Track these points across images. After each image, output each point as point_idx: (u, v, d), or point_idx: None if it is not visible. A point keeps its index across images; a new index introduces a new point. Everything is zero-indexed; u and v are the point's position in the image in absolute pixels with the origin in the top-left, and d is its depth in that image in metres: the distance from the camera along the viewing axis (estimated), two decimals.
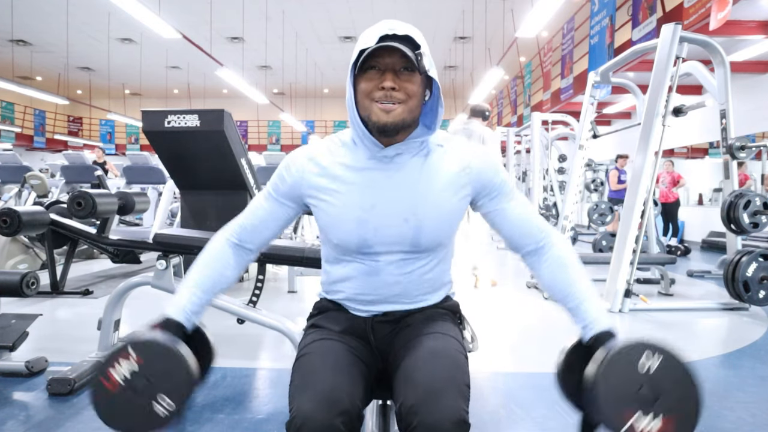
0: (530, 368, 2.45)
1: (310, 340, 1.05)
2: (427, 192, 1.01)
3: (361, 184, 1.01)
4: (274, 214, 1.07)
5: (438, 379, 0.92)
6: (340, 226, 1.02)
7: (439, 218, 1.02)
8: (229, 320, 2.49)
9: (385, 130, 0.97)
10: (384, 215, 1.00)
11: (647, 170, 3.74)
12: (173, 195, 5.48)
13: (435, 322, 1.08)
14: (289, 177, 1.05)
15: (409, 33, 0.96)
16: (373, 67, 0.96)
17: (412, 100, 0.97)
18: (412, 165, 1.01)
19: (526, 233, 1.07)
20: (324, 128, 19.72)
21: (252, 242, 1.09)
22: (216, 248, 1.08)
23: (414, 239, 1.01)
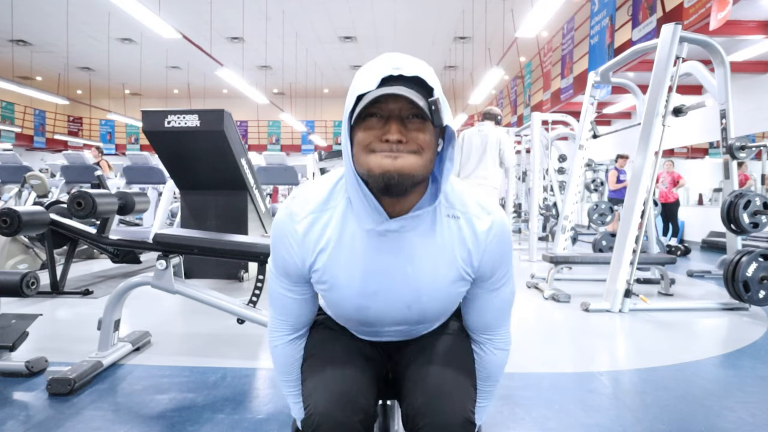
0: (530, 368, 2.45)
1: (319, 337, 1.05)
2: (433, 278, 0.90)
3: (360, 267, 0.89)
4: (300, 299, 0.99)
5: (446, 380, 0.92)
6: (340, 310, 0.99)
7: (443, 303, 0.95)
8: (229, 320, 2.49)
9: (390, 186, 0.78)
10: (386, 301, 0.92)
11: (647, 170, 3.74)
12: (173, 195, 5.48)
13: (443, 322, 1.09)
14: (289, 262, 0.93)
15: (419, 73, 0.78)
16: (374, 114, 0.79)
17: (425, 152, 0.80)
18: (418, 242, 0.88)
19: (483, 325, 1.02)
20: (324, 128, 19.72)
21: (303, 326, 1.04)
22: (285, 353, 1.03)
23: (417, 321, 0.98)
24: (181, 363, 2.42)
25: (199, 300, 2.33)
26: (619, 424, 1.86)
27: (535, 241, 6.31)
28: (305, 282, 0.96)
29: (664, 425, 1.85)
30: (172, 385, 2.16)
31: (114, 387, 2.13)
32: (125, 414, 1.88)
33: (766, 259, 3.50)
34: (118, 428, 1.76)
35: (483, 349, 1.03)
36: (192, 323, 3.15)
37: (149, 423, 1.81)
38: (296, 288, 0.97)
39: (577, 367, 2.55)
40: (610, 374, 2.41)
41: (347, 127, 0.81)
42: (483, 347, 1.03)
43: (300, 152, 18.86)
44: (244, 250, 2.31)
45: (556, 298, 3.91)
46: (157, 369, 2.34)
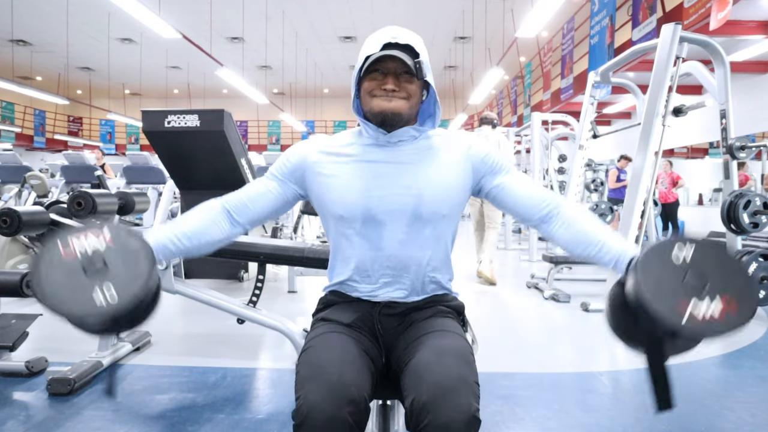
0: (530, 368, 2.45)
1: (317, 332, 1.06)
2: (428, 168, 1.08)
3: (365, 161, 1.08)
4: (271, 192, 1.12)
5: (450, 376, 0.92)
6: (346, 197, 1.07)
7: (439, 188, 1.07)
8: (229, 320, 2.49)
9: (385, 118, 1.05)
10: (387, 185, 1.06)
11: (647, 170, 3.74)
12: (173, 195, 5.47)
13: (440, 320, 1.09)
14: (294, 158, 1.12)
15: (410, 42, 1.05)
16: (377, 70, 1.05)
17: (411, 98, 1.07)
18: (413, 149, 1.10)
19: (532, 203, 1.10)
20: (324, 128, 19.71)
21: (244, 216, 1.11)
22: (209, 206, 1.11)
23: (416, 207, 1.06)
24: (181, 363, 2.42)
25: (199, 300, 2.33)
26: (619, 424, 1.86)
27: (535, 241, 6.31)
28: (292, 181, 1.12)
29: (664, 425, 1.85)
30: (172, 385, 2.16)
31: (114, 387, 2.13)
32: (125, 414, 1.88)
33: (766, 259, 3.50)
34: (118, 428, 1.76)
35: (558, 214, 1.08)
36: (192, 323, 3.15)
37: (149, 423, 1.81)
38: (277, 178, 1.12)
39: (577, 367, 2.55)
40: (610, 374, 2.41)
41: (356, 79, 1.08)
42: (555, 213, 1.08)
43: None
44: (244, 250, 2.31)
45: (556, 298, 3.91)
46: (157, 369, 2.34)
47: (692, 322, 0.78)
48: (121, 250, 0.86)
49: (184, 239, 1.03)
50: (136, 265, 0.85)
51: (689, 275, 0.81)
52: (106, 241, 0.85)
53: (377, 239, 1.07)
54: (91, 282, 0.82)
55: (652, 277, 0.82)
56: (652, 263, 0.83)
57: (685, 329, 0.78)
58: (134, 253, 0.86)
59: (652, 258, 0.84)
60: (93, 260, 0.83)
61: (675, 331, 0.80)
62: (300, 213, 5.10)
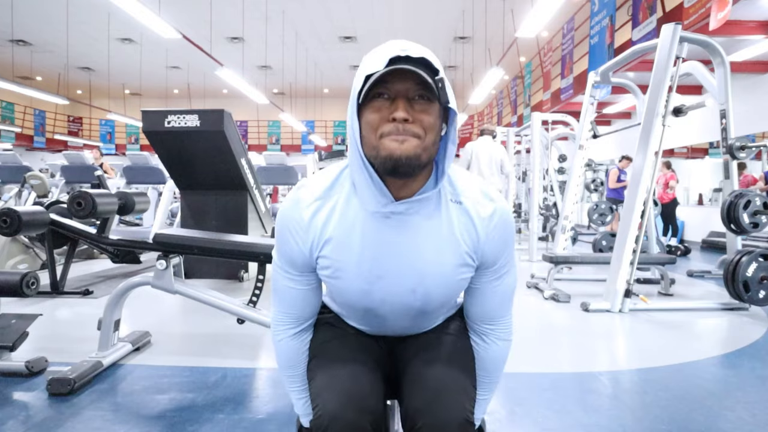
0: (530, 368, 2.45)
1: (324, 338, 1.04)
2: (437, 261, 0.90)
3: (365, 251, 0.89)
4: (306, 289, 0.99)
5: (444, 380, 0.92)
6: (345, 296, 0.97)
7: (447, 288, 0.94)
8: (229, 320, 2.49)
9: (397, 167, 0.80)
10: (390, 286, 0.92)
11: (647, 170, 3.74)
12: (173, 195, 5.48)
13: (444, 321, 1.09)
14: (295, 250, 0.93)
15: (425, 56, 0.80)
16: (382, 94, 0.81)
17: (429, 134, 0.81)
18: (422, 225, 0.89)
19: (486, 314, 1.01)
20: (324, 128, 19.72)
21: (307, 319, 1.03)
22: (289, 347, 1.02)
23: (421, 308, 0.96)
24: (181, 363, 2.42)
25: (199, 300, 2.33)
26: (619, 424, 1.86)
27: (535, 241, 6.31)
28: (310, 271, 0.95)
29: (664, 425, 1.85)
30: (172, 385, 2.16)
31: (114, 387, 2.13)
32: (125, 414, 1.88)
33: (766, 259, 3.50)
34: (118, 428, 1.76)
35: (485, 340, 1.02)
36: (192, 323, 3.15)
37: (149, 423, 1.81)
38: (301, 278, 0.96)
39: (577, 367, 2.55)
40: (610, 374, 2.41)
41: (354, 109, 0.83)
42: (485, 338, 1.02)
43: (300, 152, 18.87)
44: (244, 250, 2.31)
45: (556, 298, 3.91)
46: (157, 369, 2.34)
47: None
48: None
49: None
50: None
51: None
52: None
53: (378, 324, 1.03)
54: None
55: None
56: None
57: None
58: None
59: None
60: None
61: None
62: None
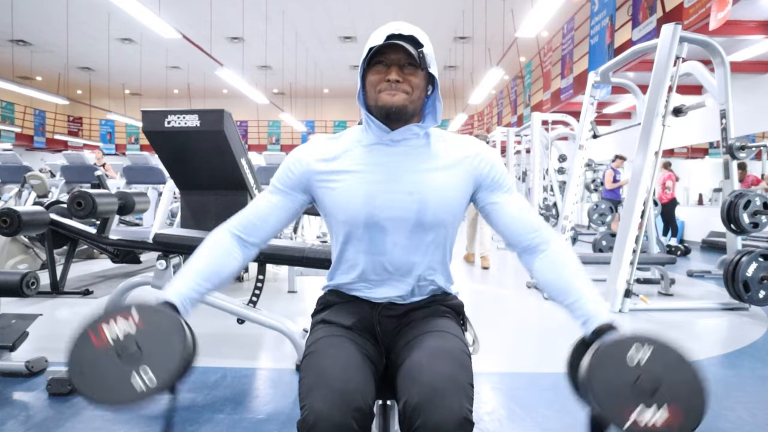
0: (530, 368, 2.45)
1: (318, 336, 1.05)
2: (430, 171, 1.06)
3: (367, 164, 1.07)
4: (280, 206, 1.10)
5: (442, 378, 0.92)
6: (349, 202, 1.05)
7: (441, 195, 1.06)
8: (229, 320, 2.49)
9: (389, 112, 1.04)
10: (390, 190, 1.05)
11: (647, 170, 3.74)
12: (173, 195, 5.47)
13: (438, 320, 1.09)
14: (296, 168, 1.09)
15: (414, 33, 1.04)
16: (381, 62, 1.05)
17: (415, 91, 1.05)
18: (416, 149, 1.08)
19: (522, 230, 1.08)
20: (324, 128, 19.72)
21: (256, 235, 1.08)
22: (218, 238, 1.07)
23: (418, 213, 1.05)
24: None
25: None
26: None
27: None
28: (299, 191, 1.10)
29: None
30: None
31: None
32: (125, 414, 1.88)
33: (766, 259, 3.50)
34: (118, 428, 1.76)
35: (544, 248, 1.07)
36: (192, 323, 3.14)
37: (149, 423, 1.81)
38: (282, 194, 1.10)
39: None
40: None
41: (361, 72, 1.06)
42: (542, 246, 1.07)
43: None
44: None
45: None
46: None
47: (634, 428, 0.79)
48: (152, 330, 0.84)
49: (205, 282, 1.01)
50: (170, 343, 0.84)
51: (641, 379, 0.82)
52: (136, 323, 0.84)
53: (379, 244, 1.07)
54: (127, 368, 0.80)
55: (602, 375, 0.83)
56: (606, 361, 0.84)
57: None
58: (166, 331, 0.85)
59: (607, 356, 0.84)
60: (126, 345, 0.82)
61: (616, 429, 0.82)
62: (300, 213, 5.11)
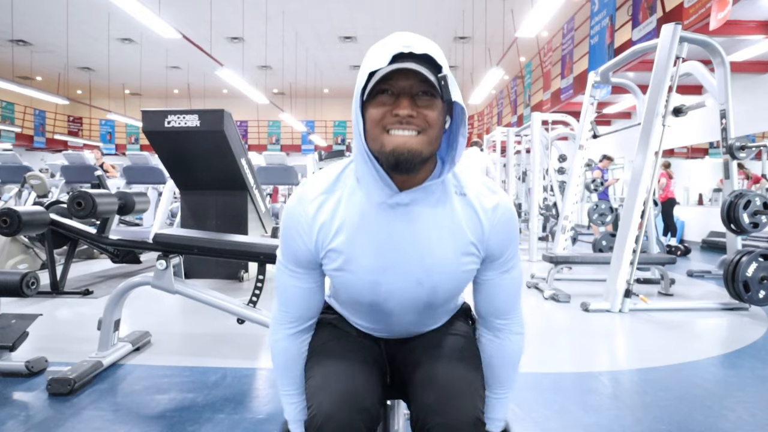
0: (530, 368, 2.45)
1: (324, 338, 1.04)
2: (443, 252, 0.90)
3: (372, 242, 0.89)
4: (308, 288, 0.98)
5: (456, 380, 0.92)
6: (351, 290, 0.96)
7: (453, 279, 0.94)
8: (229, 320, 2.49)
9: (399, 162, 0.81)
10: (397, 278, 0.91)
11: (647, 170, 3.74)
12: (173, 195, 5.47)
13: (449, 321, 1.09)
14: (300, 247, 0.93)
15: (429, 51, 0.81)
16: (386, 91, 0.82)
17: (432, 129, 0.82)
18: (428, 215, 0.89)
19: (496, 311, 1.00)
20: (324, 128, 19.72)
21: (307, 320, 1.02)
22: (285, 347, 1.01)
23: (428, 300, 0.96)
24: (181, 363, 2.42)
25: (199, 300, 2.33)
26: (619, 424, 1.86)
27: (535, 241, 6.31)
28: (314, 268, 0.95)
29: (664, 425, 1.85)
30: (172, 385, 2.16)
31: (114, 387, 2.13)
32: (125, 414, 1.88)
33: (766, 259, 3.50)
34: (118, 428, 1.76)
35: (500, 336, 1.02)
36: (192, 323, 3.15)
37: (149, 423, 1.81)
38: (305, 275, 0.96)
39: (577, 367, 2.55)
40: (610, 374, 2.41)
41: (359, 104, 0.83)
42: (499, 334, 1.02)
43: (300, 152, 18.87)
44: (244, 250, 2.31)
45: (556, 298, 3.91)
46: (157, 369, 2.34)
47: None
48: None
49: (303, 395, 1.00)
50: None
51: None
52: None
53: (385, 320, 1.01)
54: None
55: None
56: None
57: None
58: None
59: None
60: None
61: None
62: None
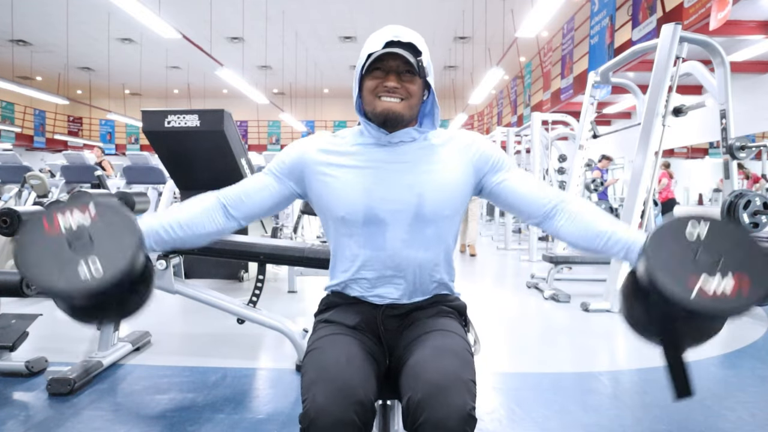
0: (530, 368, 2.45)
1: (321, 334, 1.05)
2: (430, 167, 1.08)
3: (366, 161, 1.08)
4: (268, 188, 1.10)
5: (445, 375, 0.92)
6: (348, 196, 1.06)
7: (441, 188, 1.07)
8: (229, 320, 2.49)
9: (387, 120, 1.05)
10: (389, 185, 1.06)
11: (647, 170, 3.74)
12: (173, 195, 5.48)
13: (441, 319, 1.09)
14: (293, 155, 1.11)
15: (412, 40, 1.05)
16: (378, 68, 1.05)
17: (412, 98, 1.06)
18: (414, 150, 1.09)
19: (535, 200, 1.08)
20: (324, 128, 19.71)
21: (239, 209, 1.09)
22: (204, 199, 1.09)
23: (418, 207, 1.05)
24: (181, 363, 2.42)
25: (199, 300, 2.33)
26: (619, 424, 1.86)
27: (535, 241, 6.31)
28: (291, 179, 1.10)
29: (664, 425, 1.85)
30: (172, 385, 2.16)
31: (114, 387, 2.13)
32: (125, 414, 1.88)
33: None
34: (118, 428, 1.76)
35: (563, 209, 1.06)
36: (192, 323, 3.15)
37: (149, 423, 1.81)
38: (276, 176, 1.11)
39: (577, 367, 2.55)
40: (610, 374, 2.41)
41: (358, 77, 1.07)
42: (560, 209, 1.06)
43: None
44: (244, 250, 2.31)
45: (556, 298, 3.90)
46: (157, 369, 2.34)
47: (702, 297, 0.76)
48: (107, 225, 0.84)
49: (177, 228, 1.02)
50: (122, 240, 0.84)
51: (702, 252, 0.79)
52: (92, 217, 0.84)
53: (379, 239, 1.06)
54: (76, 256, 0.81)
55: (662, 253, 0.80)
56: (663, 239, 0.81)
57: (694, 304, 0.76)
58: (120, 229, 0.85)
59: (663, 234, 0.82)
60: (78, 235, 0.82)
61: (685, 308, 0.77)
62: (300, 213, 5.10)
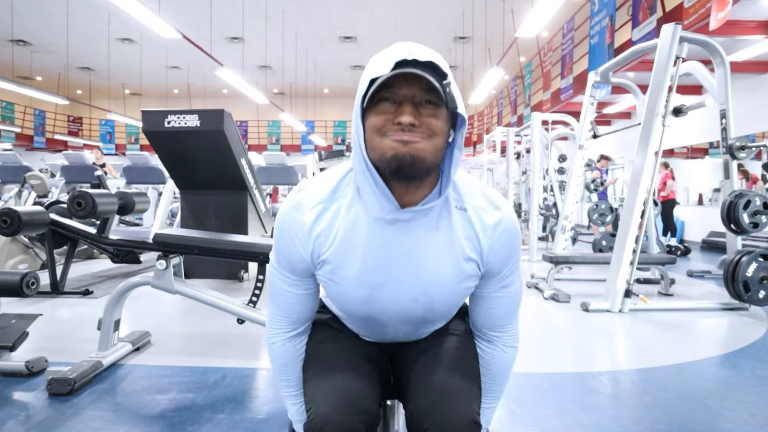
0: (530, 368, 2.45)
1: (320, 338, 1.04)
2: (441, 270, 0.88)
3: (369, 257, 0.87)
4: (304, 294, 0.97)
5: (451, 381, 0.92)
6: (346, 301, 0.94)
7: (450, 297, 0.92)
8: (229, 320, 2.49)
9: (402, 167, 0.77)
10: (392, 294, 0.90)
11: (647, 170, 3.74)
12: (173, 195, 5.48)
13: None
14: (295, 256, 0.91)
15: (433, 59, 0.79)
16: (387, 99, 0.78)
17: (437, 138, 0.78)
18: (426, 232, 0.86)
19: (491, 324, 1.00)
20: (324, 128, 19.71)
21: (303, 323, 1.01)
22: (284, 350, 1.00)
23: (423, 316, 0.94)
24: (181, 363, 2.42)
25: (199, 300, 2.33)
26: (619, 424, 1.86)
27: (535, 241, 6.31)
28: (309, 276, 0.93)
29: (664, 425, 1.85)
30: (172, 385, 2.16)
31: (114, 387, 2.13)
32: (125, 414, 1.88)
33: (766, 259, 3.50)
34: (118, 428, 1.76)
35: (492, 347, 1.01)
36: (192, 323, 3.15)
37: (149, 423, 1.81)
38: (300, 282, 0.94)
39: (577, 367, 2.55)
40: (610, 374, 2.41)
41: (359, 112, 0.80)
42: (492, 345, 1.01)
43: (300, 152, 18.87)
44: (244, 250, 2.31)
45: (556, 298, 3.91)
46: (157, 369, 2.34)
47: None
48: None
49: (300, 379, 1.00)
50: None
51: None
52: None
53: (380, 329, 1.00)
54: None
55: None
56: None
57: None
58: None
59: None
60: None
61: None
62: None
